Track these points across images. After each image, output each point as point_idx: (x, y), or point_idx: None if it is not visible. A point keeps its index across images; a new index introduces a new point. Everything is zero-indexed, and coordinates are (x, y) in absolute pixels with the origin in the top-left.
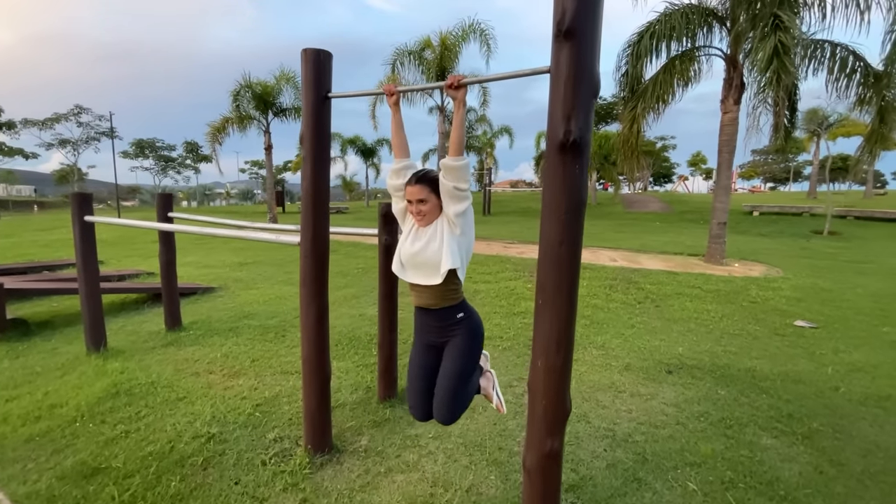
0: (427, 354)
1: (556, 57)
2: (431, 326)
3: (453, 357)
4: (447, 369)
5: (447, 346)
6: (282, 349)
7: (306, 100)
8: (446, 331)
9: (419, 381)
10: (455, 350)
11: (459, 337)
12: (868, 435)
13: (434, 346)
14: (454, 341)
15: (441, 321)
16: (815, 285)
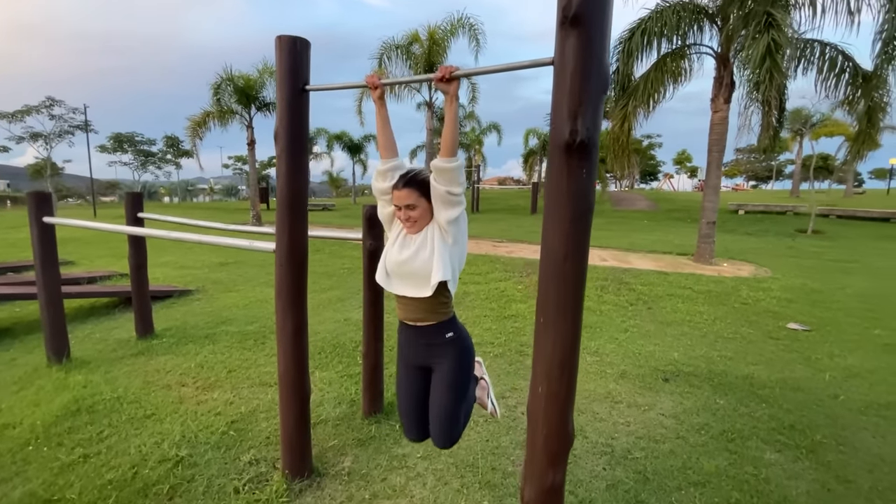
0: (414, 377)
1: (560, 47)
2: (417, 345)
3: (444, 385)
4: (440, 399)
5: (435, 370)
6: (261, 358)
7: (281, 93)
8: (433, 352)
9: (410, 407)
10: (445, 377)
11: (448, 360)
12: (871, 447)
13: (420, 368)
14: (443, 366)
15: (428, 340)
16: (804, 286)
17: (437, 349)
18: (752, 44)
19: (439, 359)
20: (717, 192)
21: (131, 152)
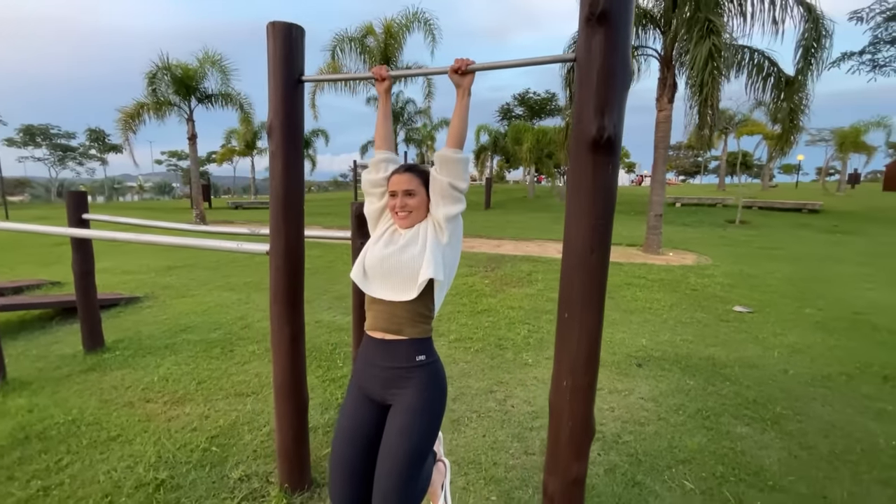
0: (364, 408)
1: (586, 44)
2: (380, 367)
3: (405, 423)
4: (395, 445)
5: (395, 406)
6: (231, 367)
7: (275, 83)
8: (398, 377)
9: (346, 448)
10: (411, 412)
11: (415, 391)
12: (823, 415)
13: (374, 401)
14: (406, 397)
15: (397, 361)
16: (741, 271)
17: (404, 374)
18: (696, 48)
19: (403, 388)
20: (663, 186)
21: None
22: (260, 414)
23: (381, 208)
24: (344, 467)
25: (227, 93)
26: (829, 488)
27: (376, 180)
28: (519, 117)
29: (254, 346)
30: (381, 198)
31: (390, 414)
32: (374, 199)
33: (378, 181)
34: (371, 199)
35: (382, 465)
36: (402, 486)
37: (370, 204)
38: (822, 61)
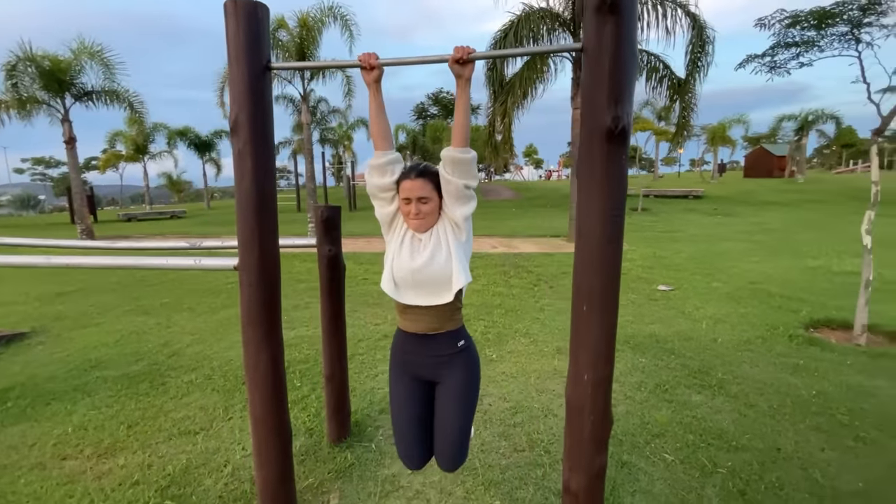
0: (418, 393)
1: (597, 33)
2: (427, 357)
3: (458, 397)
4: (453, 414)
5: (443, 384)
6: (167, 402)
7: (238, 72)
8: (444, 363)
9: (414, 429)
10: (457, 391)
11: (460, 372)
12: (753, 375)
13: (425, 382)
14: (454, 377)
15: (440, 351)
16: (654, 254)
17: (449, 360)
18: None
19: (449, 370)
20: None
21: None
22: (216, 452)
23: (394, 212)
24: (411, 438)
25: (112, 90)
26: (779, 440)
27: (385, 185)
28: (434, 116)
29: (190, 374)
30: (392, 201)
31: (442, 389)
32: (384, 203)
33: (387, 185)
34: (381, 204)
35: (445, 431)
36: (463, 444)
37: (380, 208)
38: (706, 66)
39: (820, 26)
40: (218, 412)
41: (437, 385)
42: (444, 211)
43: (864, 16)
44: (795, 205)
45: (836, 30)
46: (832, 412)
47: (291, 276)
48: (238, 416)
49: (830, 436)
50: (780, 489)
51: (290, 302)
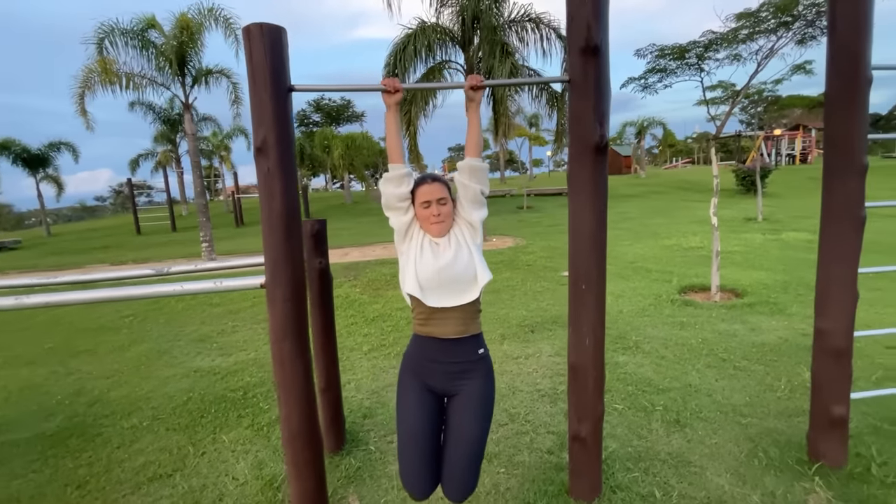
0: (430, 405)
1: (582, 70)
2: (448, 364)
3: (478, 407)
4: (470, 425)
5: (460, 395)
6: (115, 452)
7: (265, 94)
8: (465, 371)
9: (425, 446)
10: (478, 399)
11: (481, 380)
12: (656, 334)
13: (438, 396)
14: (473, 387)
15: (461, 356)
16: (549, 245)
17: (468, 367)
18: (500, 65)
19: (468, 380)
20: None
21: None
22: (204, 489)
23: (410, 220)
24: (418, 458)
25: None
26: (688, 379)
27: (403, 194)
28: (318, 124)
29: (129, 420)
30: (408, 211)
31: (457, 402)
32: (399, 212)
33: (404, 195)
34: (397, 214)
35: (460, 450)
36: (477, 463)
37: (397, 218)
38: None
39: (680, 58)
40: (187, 450)
41: (452, 398)
42: (461, 215)
43: (706, 52)
44: (643, 196)
45: (689, 61)
46: (715, 352)
47: (198, 301)
48: (212, 448)
49: (719, 369)
50: (699, 412)
51: (211, 328)
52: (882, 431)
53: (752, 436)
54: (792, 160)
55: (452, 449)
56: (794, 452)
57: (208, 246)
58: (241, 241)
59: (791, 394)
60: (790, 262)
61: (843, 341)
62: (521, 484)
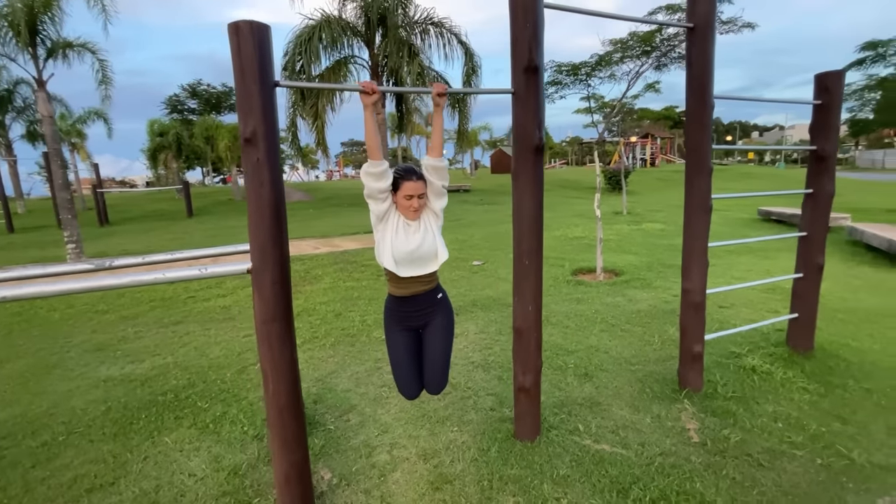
0: (411, 338)
1: (525, 84)
2: (416, 310)
3: (443, 335)
4: (440, 347)
5: (430, 326)
6: (30, 473)
7: (251, 90)
8: (430, 311)
9: (411, 365)
10: (442, 328)
11: (442, 314)
12: (560, 309)
13: (414, 330)
14: (438, 321)
15: (426, 304)
16: (456, 238)
17: (432, 308)
18: (408, 66)
19: (435, 316)
20: None
21: None
22: (159, 489)
23: (388, 207)
24: (409, 374)
25: None
26: (590, 341)
27: (384, 188)
28: (194, 111)
29: (33, 440)
30: (386, 200)
31: (430, 330)
32: (379, 202)
33: (385, 188)
34: (377, 203)
35: (435, 362)
36: (447, 369)
37: (377, 206)
38: (478, 85)
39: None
40: (125, 457)
41: (425, 329)
42: (428, 205)
43: (593, 70)
44: None
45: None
46: (605, 320)
47: (80, 310)
48: (155, 451)
49: (610, 333)
50: (601, 366)
51: (108, 336)
52: (720, 364)
53: (640, 378)
54: (644, 163)
55: (430, 362)
56: (669, 386)
57: (76, 247)
58: (112, 242)
59: (662, 346)
60: (650, 247)
61: (700, 297)
62: (473, 437)
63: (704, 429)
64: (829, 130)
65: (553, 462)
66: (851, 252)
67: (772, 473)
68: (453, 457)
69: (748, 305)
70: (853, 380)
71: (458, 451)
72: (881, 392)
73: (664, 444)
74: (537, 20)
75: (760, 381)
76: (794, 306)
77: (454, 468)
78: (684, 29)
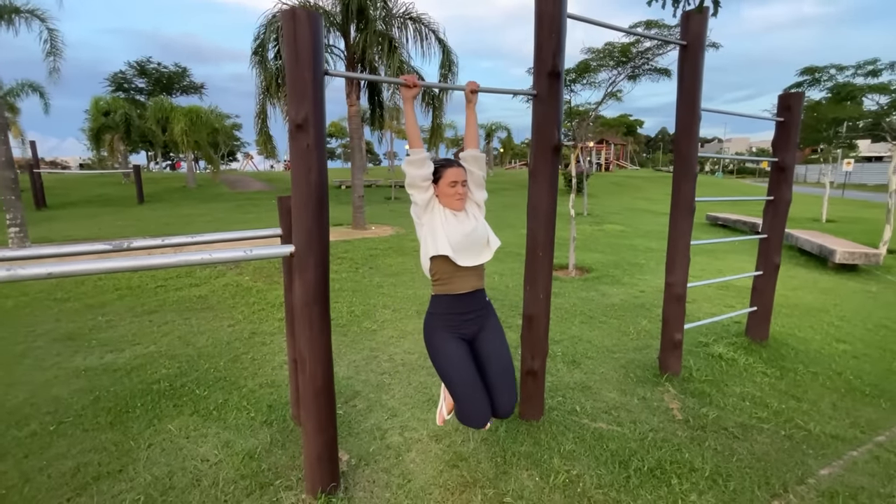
0: (466, 348)
1: (548, 88)
2: (471, 313)
3: (501, 340)
4: (503, 354)
5: (485, 332)
6: (11, 470)
7: (305, 76)
8: (483, 315)
9: (475, 380)
10: (498, 332)
11: (494, 318)
12: None
13: (466, 340)
14: (490, 324)
15: (479, 305)
16: None
17: (485, 312)
18: (389, 59)
19: (488, 321)
20: (362, 171)
21: None
22: (181, 471)
23: (431, 196)
24: (479, 397)
25: None
26: (572, 331)
27: (426, 175)
28: (141, 91)
29: (24, 428)
30: (429, 189)
31: (484, 338)
32: (422, 190)
33: (427, 175)
34: (420, 191)
35: (506, 370)
36: (514, 376)
37: (421, 194)
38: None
39: None
40: (127, 445)
41: (478, 336)
42: (470, 196)
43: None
44: (496, 192)
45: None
46: (584, 312)
47: (35, 298)
48: (159, 439)
49: (589, 325)
50: (586, 354)
51: (76, 325)
52: (693, 351)
53: (623, 365)
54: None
55: (495, 372)
56: (650, 371)
57: (19, 231)
58: (55, 227)
59: (638, 336)
60: (614, 247)
61: (681, 290)
62: None
63: (686, 408)
64: (790, 144)
65: (558, 439)
66: (787, 255)
67: (745, 444)
68: (464, 437)
69: (707, 300)
70: (802, 365)
71: (467, 431)
72: (825, 375)
73: (653, 421)
74: (561, 30)
75: (727, 367)
76: (754, 300)
77: (466, 447)
78: (673, 45)
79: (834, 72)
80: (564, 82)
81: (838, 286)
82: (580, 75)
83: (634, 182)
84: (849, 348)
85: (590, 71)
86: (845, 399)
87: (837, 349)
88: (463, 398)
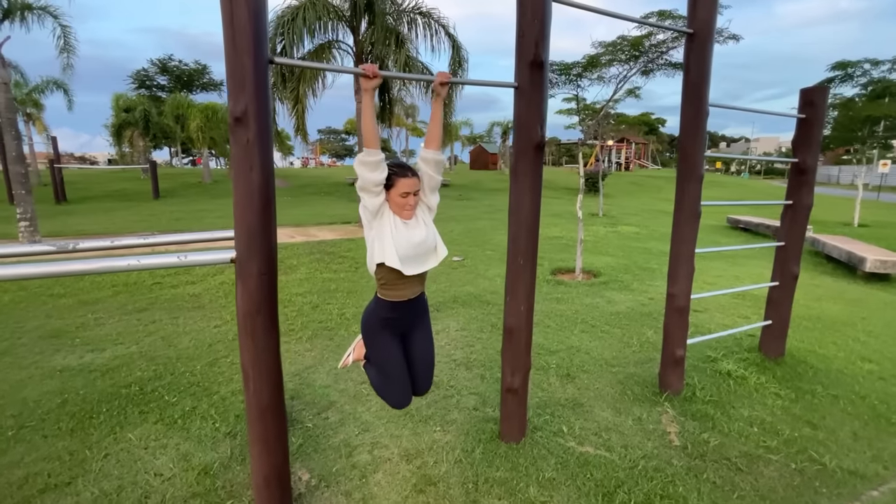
0: (398, 343)
1: (530, 79)
2: (411, 314)
3: (429, 336)
4: (430, 346)
5: (417, 330)
6: None
7: (244, 66)
8: (419, 314)
9: (403, 373)
10: (428, 326)
11: (427, 317)
12: (540, 308)
13: (402, 335)
14: (423, 322)
15: (420, 306)
16: None
17: (422, 311)
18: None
19: (421, 318)
20: None
21: None
22: (134, 486)
23: (382, 202)
24: (402, 380)
25: None
26: (571, 341)
27: (379, 180)
28: (163, 88)
29: (56, 441)
30: (380, 194)
31: (417, 334)
32: (373, 195)
33: (380, 180)
34: (371, 196)
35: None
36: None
37: (370, 199)
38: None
39: (566, 73)
40: (83, 454)
41: (411, 334)
42: (422, 199)
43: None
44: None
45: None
46: (585, 321)
47: (33, 293)
48: (117, 448)
49: (590, 334)
50: (582, 367)
51: (64, 322)
52: (697, 367)
53: (620, 380)
54: (618, 167)
55: (421, 370)
56: (649, 388)
57: (29, 225)
58: (70, 221)
59: (641, 348)
60: (626, 250)
61: (684, 301)
62: (457, 437)
63: (684, 432)
64: (812, 144)
65: (538, 464)
66: (813, 262)
67: (750, 478)
68: (437, 458)
69: (720, 310)
70: (821, 386)
71: (441, 451)
72: (846, 399)
73: (646, 446)
74: (545, 15)
75: (735, 386)
76: (769, 313)
77: (438, 469)
78: (681, 35)
79: (868, 66)
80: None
81: (867, 297)
82: (586, 69)
83: (655, 182)
84: (875, 368)
85: (599, 66)
86: (868, 428)
87: (862, 369)
88: (388, 386)
